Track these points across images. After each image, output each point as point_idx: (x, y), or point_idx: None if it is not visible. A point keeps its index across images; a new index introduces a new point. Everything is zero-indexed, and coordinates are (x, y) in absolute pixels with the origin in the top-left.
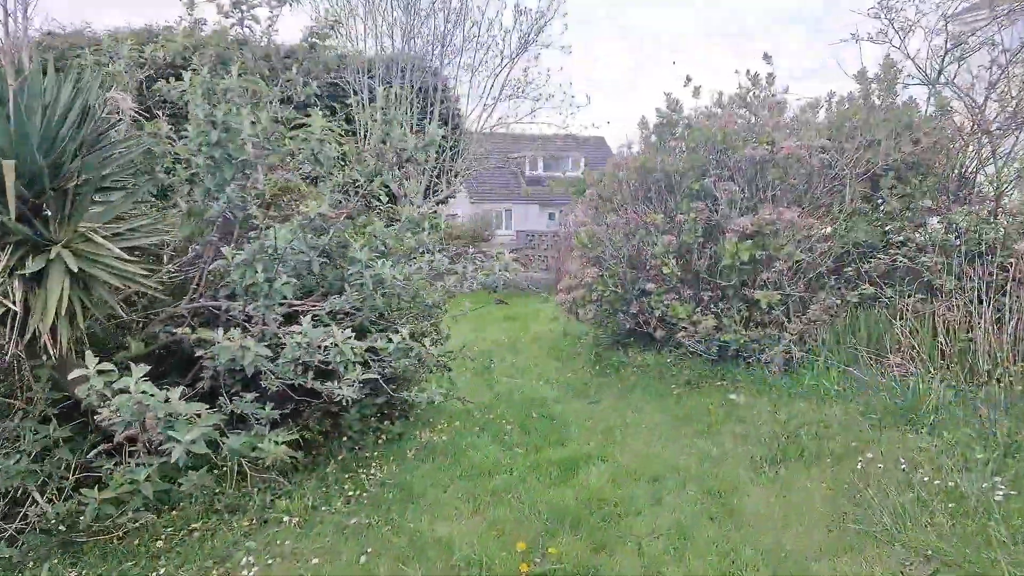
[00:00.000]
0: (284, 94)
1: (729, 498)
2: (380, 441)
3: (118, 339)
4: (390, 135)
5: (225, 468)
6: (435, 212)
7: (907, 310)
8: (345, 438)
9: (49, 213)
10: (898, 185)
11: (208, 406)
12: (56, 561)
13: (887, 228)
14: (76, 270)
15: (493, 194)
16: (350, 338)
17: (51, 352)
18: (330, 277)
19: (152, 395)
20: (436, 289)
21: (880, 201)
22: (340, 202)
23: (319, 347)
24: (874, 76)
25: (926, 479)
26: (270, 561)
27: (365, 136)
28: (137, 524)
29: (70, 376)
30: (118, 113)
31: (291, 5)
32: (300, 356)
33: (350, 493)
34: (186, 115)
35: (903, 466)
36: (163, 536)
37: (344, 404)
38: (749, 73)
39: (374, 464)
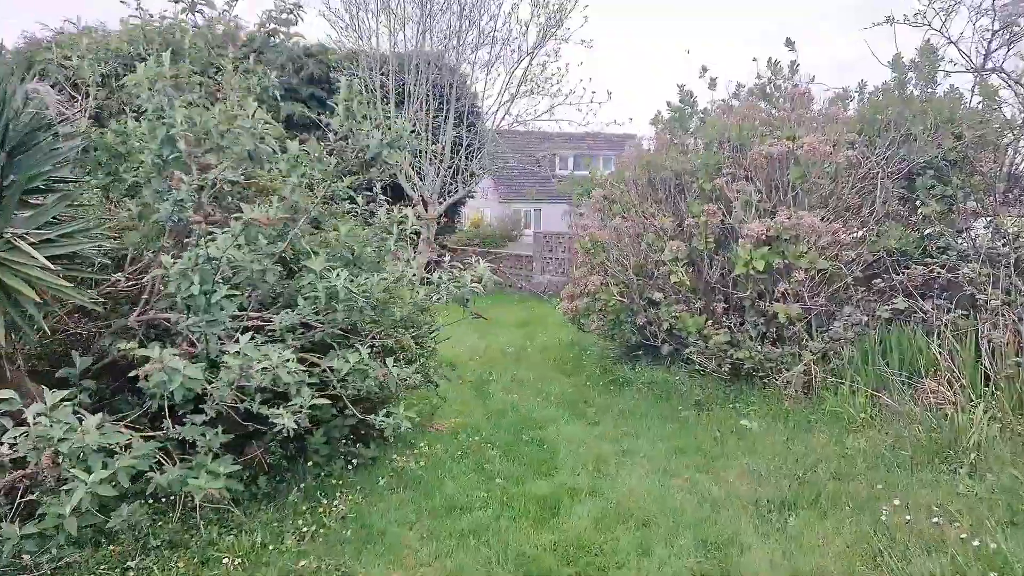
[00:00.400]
0: (248, 85)
1: (727, 552)
2: (351, 466)
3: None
4: (352, 132)
5: (173, 497)
6: (404, 216)
7: (946, 328)
8: (311, 463)
9: None
10: (937, 185)
11: (154, 430)
12: None
13: (924, 234)
14: None
15: (523, 194)
16: (290, 360)
17: None
18: (289, 289)
19: (68, 424)
20: (409, 302)
21: (917, 203)
22: (294, 206)
23: (260, 369)
24: (911, 63)
25: (963, 536)
26: None
27: None
28: (61, 562)
29: None
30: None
31: None
32: (235, 379)
33: (305, 529)
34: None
35: (936, 518)
36: None
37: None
38: (770, 61)
39: (339, 494)
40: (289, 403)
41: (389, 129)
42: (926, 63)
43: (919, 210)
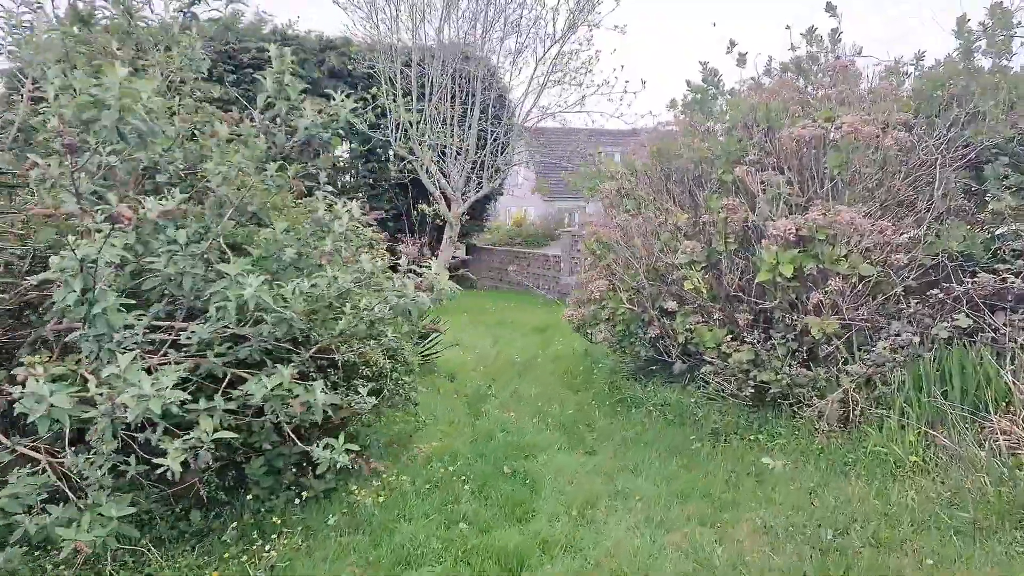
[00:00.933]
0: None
1: None
2: (298, 501)
3: None
4: (281, 110)
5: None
6: (348, 210)
7: (1022, 351)
8: (251, 496)
9: None
10: (1012, 174)
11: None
12: None
13: (995, 234)
14: None
15: (567, 192)
16: (166, 389)
17: None
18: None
19: None
20: (352, 313)
21: (986, 196)
22: (220, 200)
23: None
24: (979, 28)
25: None
26: None
27: (396, 130)
28: None
29: None
30: None
31: None
32: (107, 411)
33: None
34: None
35: None
36: None
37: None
38: (808, 31)
39: (277, 535)
40: (188, 436)
41: (415, 125)
42: (998, 27)
43: (988, 205)
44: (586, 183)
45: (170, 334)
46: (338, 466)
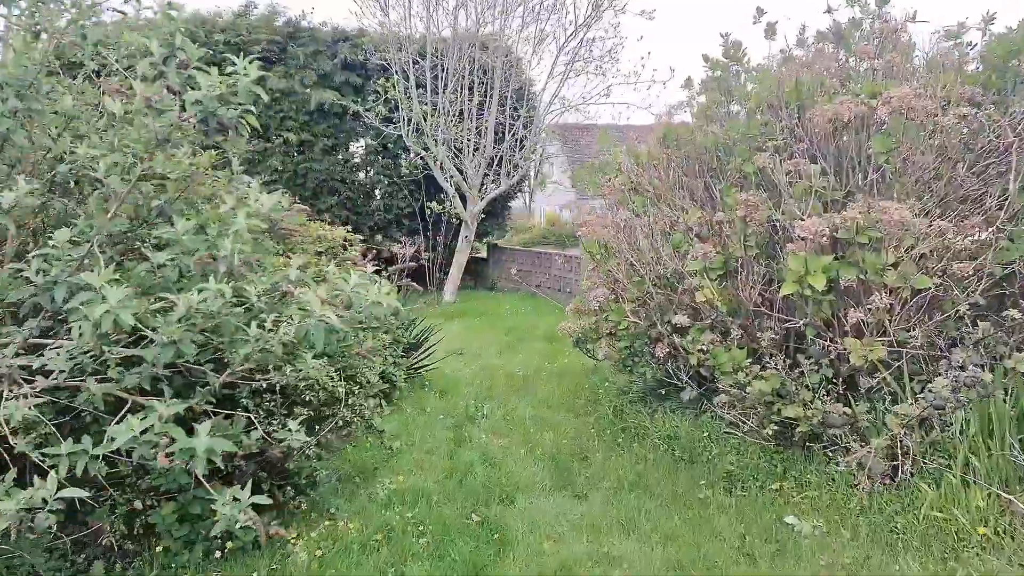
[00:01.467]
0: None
1: None
2: (220, 553)
3: None
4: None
5: None
6: (259, 202)
7: None
8: (160, 548)
9: None
10: None
11: None
12: None
13: None
14: None
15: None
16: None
17: None
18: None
19: None
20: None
21: None
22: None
23: None
24: None
25: None
26: None
27: (409, 124)
28: None
29: None
30: None
31: None
32: None
33: None
34: None
35: None
36: None
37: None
38: None
39: None
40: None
41: (428, 118)
42: None
43: None
44: (592, 177)
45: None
46: (238, 526)
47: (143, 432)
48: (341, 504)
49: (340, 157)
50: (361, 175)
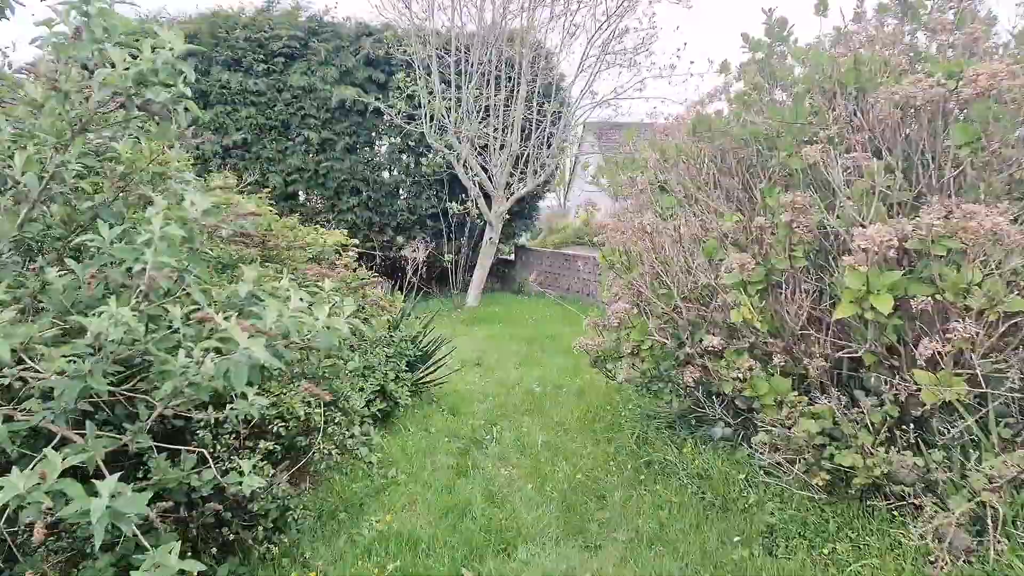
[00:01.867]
0: None
1: None
2: None
3: None
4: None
5: None
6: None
7: None
8: None
9: None
10: None
11: None
12: None
13: None
14: None
15: None
16: None
17: None
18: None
19: None
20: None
21: None
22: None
23: None
24: None
25: None
26: None
27: (430, 120)
28: None
29: None
30: None
31: None
32: None
33: None
34: None
35: None
36: None
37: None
38: None
39: None
40: None
41: (450, 114)
42: None
43: None
44: (617, 176)
45: None
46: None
47: (31, 490)
48: (318, 548)
49: (363, 156)
50: (385, 175)
